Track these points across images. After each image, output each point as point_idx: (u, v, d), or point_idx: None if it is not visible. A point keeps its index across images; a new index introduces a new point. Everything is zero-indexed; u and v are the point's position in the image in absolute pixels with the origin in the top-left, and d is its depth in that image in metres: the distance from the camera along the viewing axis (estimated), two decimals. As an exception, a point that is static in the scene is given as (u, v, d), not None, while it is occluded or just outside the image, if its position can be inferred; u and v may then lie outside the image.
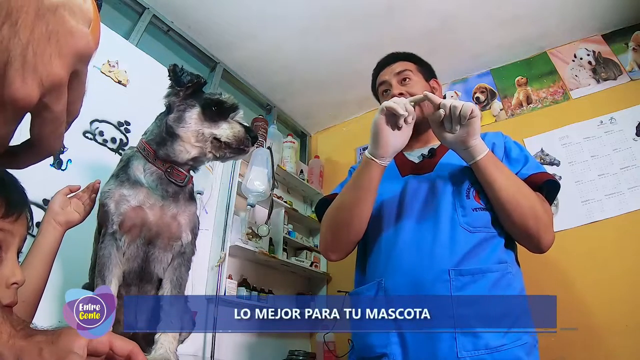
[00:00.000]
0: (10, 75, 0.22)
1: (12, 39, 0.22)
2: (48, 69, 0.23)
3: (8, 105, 0.23)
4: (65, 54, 0.24)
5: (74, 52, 0.25)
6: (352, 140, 2.46)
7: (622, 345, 1.47)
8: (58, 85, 0.24)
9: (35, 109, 0.24)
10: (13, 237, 0.55)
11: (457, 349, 0.80)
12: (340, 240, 0.99)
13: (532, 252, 0.93)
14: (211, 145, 0.90)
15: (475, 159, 0.87)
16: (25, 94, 0.23)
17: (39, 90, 0.23)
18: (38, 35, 0.23)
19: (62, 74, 0.24)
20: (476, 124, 0.85)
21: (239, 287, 1.76)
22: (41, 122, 0.25)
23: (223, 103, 0.91)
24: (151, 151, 0.90)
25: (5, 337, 0.41)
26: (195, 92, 0.92)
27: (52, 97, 0.24)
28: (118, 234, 0.85)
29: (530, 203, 0.88)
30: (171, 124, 0.90)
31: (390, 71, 1.12)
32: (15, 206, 0.55)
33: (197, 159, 0.92)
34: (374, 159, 0.89)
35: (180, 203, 0.91)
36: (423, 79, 1.12)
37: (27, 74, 0.23)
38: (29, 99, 0.23)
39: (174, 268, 0.90)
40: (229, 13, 1.87)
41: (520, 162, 0.98)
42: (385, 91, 1.13)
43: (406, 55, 1.17)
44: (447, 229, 0.91)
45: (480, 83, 2.26)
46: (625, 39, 1.94)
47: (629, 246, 1.60)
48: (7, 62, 0.22)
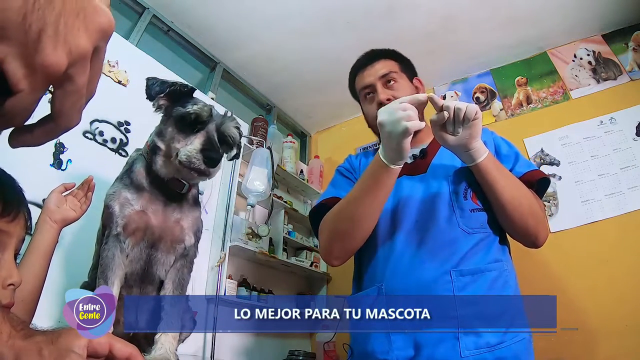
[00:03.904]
0: (43, 41, 0.23)
1: (47, 9, 0.23)
2: (77, 41, 0.25)
3: (38, 70, 0.24)
4: (91, 29, 0.26)
5: (98, 28, 0.26)
6: (352, 140, 2.46)
7: (622, 345, 1.47)
8: (83, 58, 0.26)
9: (59, 80, 0.26)
10: (10, 237, 0.55)
11: (460, 349, 0.80)
12: (348, 247, 0.95)
13: (528, 247, 0.94)
14: (178, 164, 0.83)
15: (477, 161, 0.86)
16: (56, 60, 0.24)
17: (67, 59, 0.25)
18: (69, 8, 0.24)
19: (88, 47, 0.26)
20: (478, 125, 0.83)
21: (239, 287, 1.76)
22: (63, 93, 0.26)
23: (185, 117, 0.84)
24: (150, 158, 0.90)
25: (5, 337, 0.40)
26: (179, 100, 0.87)
27: (77, 69, 0.26)
28: (122, 236, 0.85)
29: (529, 202, 0.89)
30: (154, 137, 0.89)
31: (374, 73, 1.07)
32: (11, 206, 0.54)
33: (176, 179, 0.87)
34: (396, 166, 0.85)
35: (183, 208, 0.91)
36: (407, 79, 1.09)
37: (58, 43, 0.24)
38: (58, 65, 0.24)
39: (176, 269, 0.90)
40: (229, 13, 1.87)
41: (510, 158, 0.98)
42: (369, 94, 1.08)
43: (387, 52, 1.12)
44: (446, 230, 0.91)
45: (480, 83, 2.26)
46: (625, 39, 1.94)
47: (629, 246, 1.60)
48: (42, 29, 0.23)
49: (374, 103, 1.05)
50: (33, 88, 0.24)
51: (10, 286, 0.55)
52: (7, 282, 0.54)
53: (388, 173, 0.85)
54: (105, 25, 0.27)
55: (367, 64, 1.10)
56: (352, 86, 1.16)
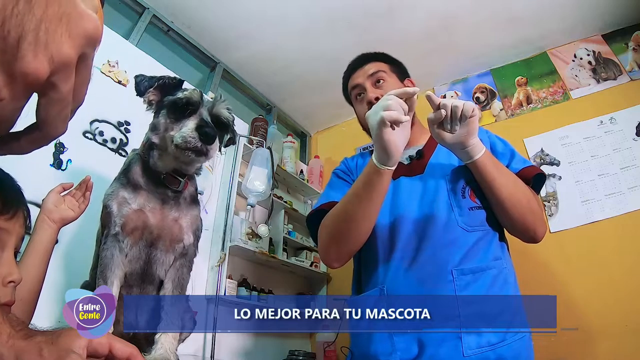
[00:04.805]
0: (23, 48, 0.23)
1: (26, 15, 0.23)
2: (59, 47, 0.24)
3: (18, 79, 0.23)
4: (75, 35, 0.25)
5: (83, 34, 0.25)
6: (352, 140, 2.46)
7: (622, 345, 1.47)
8: (67, 65, 0.25)
9: (43, 88, 0.25)
10: (9, 235, 0.55)
11: (463, 348, 0.80)
12: (347, 250, 0.94)
13: (526, 242, 0.95)
14: (175, 149, 0.84)
15: (474, 158, 0.87)
16: (36, 68, 0.23)
17: (49, 67, 0.24)
18: (51, 14, 0.23)
19: (72, 54, 0.25)
20: (475, 123, 0.84)
21: (239, 287, 1.76)
22: (48, 102, 0.26)
23: (177, 102, 0.85)
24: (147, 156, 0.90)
25: (5, 337, 0.40)
26: (169, 93, 0.88)
27: (61, 76, 0.25)
28: (120, 236, 0.85)
29: (527, 198, 0.90)
30: (148, 134, 0.90)
31: (363, 73, 1.08)
32: (10, 204, 0.55)
33: (172, 176, 0.88)
34: (388, 167, 0.83)
35: (181, 206, 0.91)
36: (397, 79, 1.09)
37: (38, 50, 0.23)
38: (39, 73, 0.23)
39: (175, 269, 0.90)
40: (229, 13, 1.87)
41: (506, 155, 0.98)
42: (359, 94, 1.09)
43: (377, 55, 1.13)
44: (446, 229, 0.91)
45: (480, 83, 2.26)
46: (625, 39, 1.94)
47: (629, 246, 1.60)
48: (21, 35, 0.23)
49: (364, 103, 1.06)
50: (13, 96, 0.24)
51: (11, 283, 0.55)
52: (7, 280, 0.54)
53: (380, 176, 0.84)
54: (91, 31, 0.26)
55: (357, 67, 1.12)
56: (345, 91, 1.18)
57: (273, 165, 1.90)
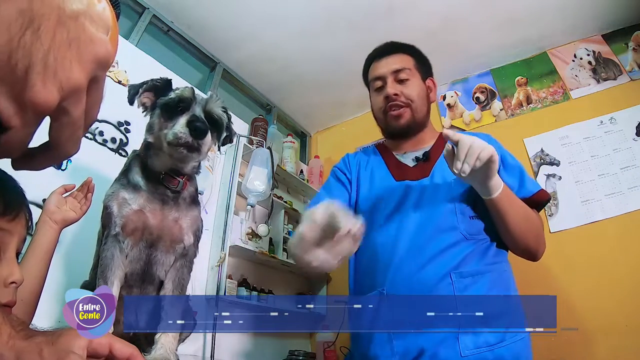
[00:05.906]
0: (31, 78, 0.23)
1: (34, 44, 0.23)
2: (68, 74, 0.24)
3: (28, 108, 0.23)
4: (85, 60, 0.25)
5: (93, 58, 0.25)
6: (352, 140, 2.46)
7: (622, 345, 1.47)
8: (77, 90, 0.25)
9: (54, 113, 0.25)
10: (11, 236, 0.55)
11: (460, 349, 0.80)
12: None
13: (526, 259, 0.97)
14: (168, 147, 0.84)
15: (491, 196, 0.86)
16: (45, 97, 0.23)
17: (58, 95, 0.24)
18: (59, 41, 0.23)
19: (82, 79, 0.25)
20: (494, 166, 0.79)
21: (239, 287, 1.76)
22: (59, 126, 0.26)
23: (169, 102, 0.86)
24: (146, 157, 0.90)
25: (5, 337, 0.41)
26: (161, 94, 0.88)
27: (71, 102, 0.25)
28: (121, 236, 0.85)
29: (534, 227, 0.92)
30: (145, 135, 0.90)
31: (388, 65, 1.06)
32: (12, 205, 0.55)
33: (170, 175, 0.89)
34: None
35: (181, 207, 0.91)
36: (420, 78, 1.08)
37: (47, 78, 0.23)
38: (48, 102, 0.23)
39: (176, 269, 0.90)
40: (229, 13, 1.87)
41: (515, 171, 0.98)
42: (380, 88, 1.07)
43: (406, 47, 1.11)
44: (448, 236, 0.92)
45: (480, 83, 2.26)
46: (625, 39, 1.94)
47: (629, 246, 1.60)
48: (29, 66, 0.23)
49: (381, 95, 1.05)
50: (24, 124, 0.24)
51: (12, 284, 0.55)
52: (9, 280, 0.54)
53: None
54: (102, 55, 0.26)
55: (383, 54, 1.09)
56: (365, 74, 1.16)
57: (273, 165, 1.90)
